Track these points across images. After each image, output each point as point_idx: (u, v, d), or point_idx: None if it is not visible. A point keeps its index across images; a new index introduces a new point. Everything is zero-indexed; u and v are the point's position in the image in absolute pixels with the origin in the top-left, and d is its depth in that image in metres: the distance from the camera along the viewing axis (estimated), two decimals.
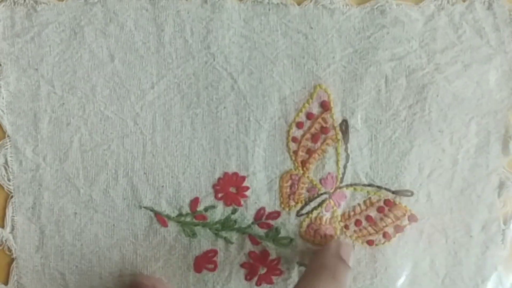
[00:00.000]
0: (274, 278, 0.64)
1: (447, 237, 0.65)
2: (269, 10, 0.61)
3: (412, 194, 0.63)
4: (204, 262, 0.63)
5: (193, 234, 0.63)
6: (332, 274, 0.54)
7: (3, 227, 0.62)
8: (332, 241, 0.62)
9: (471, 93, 0.62)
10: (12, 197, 0.62)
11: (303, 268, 0.64)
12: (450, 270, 0.65)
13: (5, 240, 0.62)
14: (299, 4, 0.61)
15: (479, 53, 0.62)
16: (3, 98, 0.60)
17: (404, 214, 0.63)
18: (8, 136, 0.61)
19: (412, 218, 0.63)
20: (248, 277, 0.64)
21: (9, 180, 0.61)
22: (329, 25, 0.61)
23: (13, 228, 0.62)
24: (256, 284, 0.64)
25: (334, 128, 0.62)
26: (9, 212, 0.62)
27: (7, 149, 0.61)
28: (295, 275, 0.64)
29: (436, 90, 0.62)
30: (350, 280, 0.59)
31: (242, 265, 0.64)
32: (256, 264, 0.64)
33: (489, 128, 0.63)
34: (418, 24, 0.61)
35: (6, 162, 0.61)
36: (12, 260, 0.63)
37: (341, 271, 0.55)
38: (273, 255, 0.64)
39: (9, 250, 0.62)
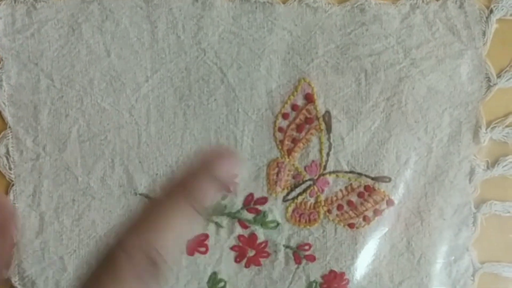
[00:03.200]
0: (262, 260, 0.68)
1: (422, 220, 0.68)
2: (256, 8, 0.63)
3: (390, 180, 0.67)
4: (196, 245, 0.66)
5: None
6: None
7: None
8: None
9: (444, 86, 0.66)
10: (13, 185, 0.64)
11: (289, 251, 0.67)
12: (425, 251, 0.69)
13: None
14: (284, 2, 0.64)
15: (451, 48, 0.65)
16: (4, 91, 0.62)
17: (383, 199, 0.67)
18: (9, 127, 0.63)
19: (390, 203, 0.67)
20: (238, 259, 0.67)
21: (10, 169, 0.64)
22: (312, 23, 0.64)
23: None
24: (245, 266, 0.68)
25: (318, 119, 0.65)
26: (10, 199, 0.64)
27: (8, 139, 0.63)
28: (281, 257, 0.67)
29: (412, 83, 0.65)
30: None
31: (232, 248, 0.67)
32: (245, 247, 0.67)
33: (461, 118, 0.67)
34: (395, 21, 0.65)
35: (7, 152, 0.64)
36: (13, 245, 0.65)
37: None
38: (261, 239, 0.67)
39: None
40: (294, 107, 0.65)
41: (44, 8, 0.62)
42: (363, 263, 0.68)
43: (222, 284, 0.68)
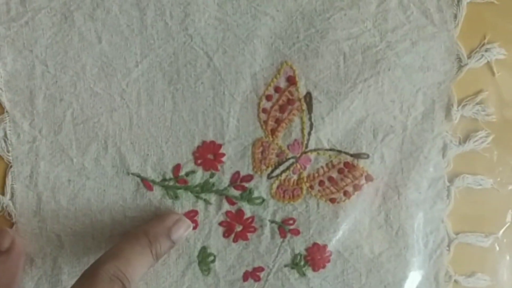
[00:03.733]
0: (249, 235, 0.71)
1: (399, 194, 0.71)
2: None
3: (368, 156, 0.70)
4: None
5: (176, 197, 0.69)
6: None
7: (3, 194, 0.67)
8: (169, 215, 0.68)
9: (418, 67, 0.69)
10: (11, 167, 0.66)
11: (274, 225, 0.71)
12: (402, 223, 0.72)
13: (6, 206, 0.67)
14: None
15: (425, 31, 0.68)
16: (1, 77, 0.64)
17: (362, 175, 0.70)
18: (6, 111, 0.65)
19: (369, 178, 0.70)
20: (226, 234, 0.70)
21: (8, 151, 0.66)
22: (293, 8, 0.67)
23: (12, 195, 0.67)
24: (233, 241, 0.71)
25: (299, 100, 0.68)
26: (8, 180, 0.66)
27: (6, 123, 0.65)
28: (267, 232, 0.71)
29: (388, 65, 0.68)
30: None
31: (220, 224, 0.70)
32: (233, 223, 0.70)
33: (434, 97, 0.70)
34: (371, 6, 0.67)
35: (5, 135, 0.66)
36: (12, 224, 0.68)
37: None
38: (247, 214, 0.70)
39: (9, 215, 0.67)
40: (277, 89, 0.68)
41: None
42: (344, 235, 0.71)
43: (211, 258, 0.71)
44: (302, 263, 0.72)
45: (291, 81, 0.68)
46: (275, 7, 0.66)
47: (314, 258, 0.72)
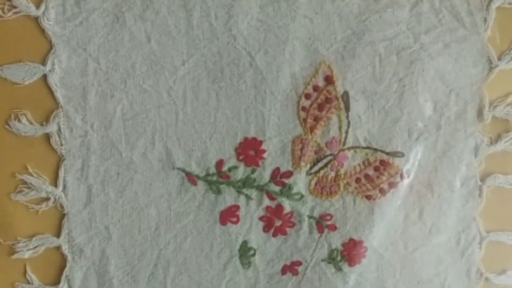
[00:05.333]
0: (288, 229, 0.73)
1: (433, 192, 0.73)
2: None
3: (403, 155, 0.72)
4: (228, 216, 0.72)
5: (219, 191, 0.71)
6: None
7: (56, 186, 0.69)
8: None
9: (451, 68, 0.71)
10: (64, 160, 0.69)
11: (312, 221, 0.73)
12: (435, 221, 0.74)
13: (58, 198, 0.70)
14: None
15: (456, 34, 0.71)
16: (56, 74, 0.67)
17: (397, 172, 0.72)
18: (61, 107, 0.68)
19: (403, 176, 0.72)
20: (266, 229, 0.73)
21: (61, 145, 0.69)
22: (331, 11, 0.69)
23: (64, 187, 0.70)
24: (273, 235, 0.73)
25: (337, 98, 0.70)
26: (61, 173, 0.69)
27: (60, 118, 0.68)
28: (305, 227, 0.73)
29: (422, 66, 0.70)
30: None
31: (260, 219, 0.72)
32: (273, 218, 0.72)
33: (466, 98, 0.72)
34: (405, 9, 0.70)
35: (59, 129, 0.68)
36: (63, 215, 0.70)
37: None
38: (287, 209, 0.72)
39: (61, 206, 0.70)
40: (315, 88, 0.70)
41: None
42: (379, 232, 0.73)
43: (252, 252, 0.73)
44: (338, 258, 0.74)
45: (329, 80, 0.70)
46: (313, 10, 0.69)
47: (350, 253, 0.74)
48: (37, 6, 0.66)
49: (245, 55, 0.69)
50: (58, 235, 0.71)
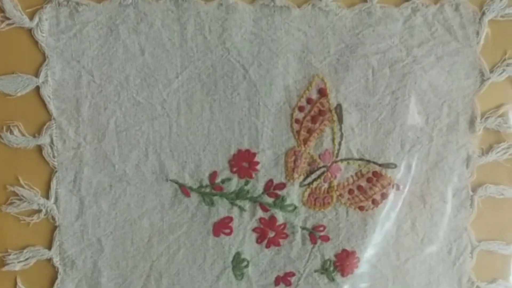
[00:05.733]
0: (281, 241, 0.73)
1: (425, 202, 0.74)
2: (274, 11, 0.69)
3: (395, 166, 0.72)
4: (221, 227, 0.72)
5: (212, 203, 0.71)
6: None
7: (48, 198, 0.69)
8: None
9: (443, 81, 0.72)
10: (56, 172, 0.69)
11: (305, 232, 0.73)
12: (427, 231, 0.74)
13: (50, 210, 0.69)
14: (299, 6, 0.69)
15: (449, 47, 0.71)
16: (49, 86, 0.67)
17: (389, 184, 0.72)
18: (53, 118, 0.68)
19: (396, 187, 0.73)
20: (259, 240, 0.73)
21: (54, 157, 0.69)
22: (324, 24, 0.70)
23: (56, 199, 0.70)
24: (266, 247, 0.73)
25: (330, 111, 0.71)
26: (53, 185, 0.69)
27: (52, 130, 0.68)
28: (298, 238, 0.73)
29: (414, 78, 0.71)
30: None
31: (254, 230, 0.73)
32: (266, 229, 0.72)
33: (458, 110, 0.72)
34: (398, 23, 0.70)
35: (51, 141, 0.68)
36: (55, 227, 0.70)
37: None
38: (280, 221, 0.72)
39: (53, 218, 0.70)
40: (309, 100, 0.71)
41: (85, 10, 0.67)
42: (372, 242, 0.74)
43: (245, 263, 0.73)
44: (331, 268, 0.74)
45: (323, 93, 0.70)
46: (307, 23, 0.70)
47: (343, 263, 0.74)
48: (31, 18, 0.66)
49: (238, 68, 0.69)
50: (49, 247, 0.71)
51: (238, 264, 0.73)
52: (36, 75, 0.67)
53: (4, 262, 0.70)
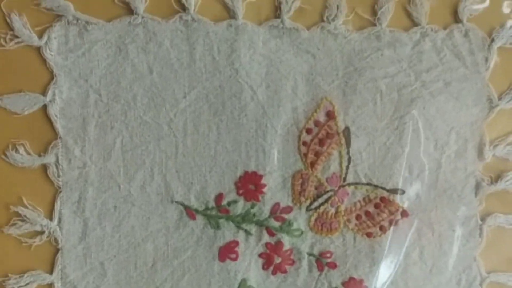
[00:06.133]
0: (287, 267, 0.71)
1: (433, 231, 0.73)
2: (283, 33, 0.70)
3: (403, 192, 0.71)
4: (227, 252, 0.70)
5: (218, 226, 0.70)
6: None
7: (51, 219, 0.68)
8: None
9: (451, 107, 0.71)
10: (60, 192, 0.68)
11: (312, 258, 0.71)
12: (436, 260, 0.73)
13: (53, 232, 0.68)
14: (308, 29, 0.70)
15: (457, 73, 0.71)
16: (56, 105, 0.67)
17: (397, 210, 0.71)
18: (60, 137, 0.68)
19: (404, 214, 0.72)
20: (265, 266, 0.71)
21: (58, 176, 0.68)
22: (333, 47, 0.70)
23: (60, 221, 0.68)
24: (272, 273, 0.72)
25: (338, 134, 0.70)
26: (57, 205, 0.68)
27: (58, 149, 0.67)
28: (305, 264, 0.71)
29: (423, 103, 0.71)
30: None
31: (260, 255, 0.71)
32: (272, 254, 0.71)
33: (467, 136, 0.72)
34: (407, 47, 0.71)
35: (57, 160, 0.68)
36: (57, 250, 0.69)
37: None
38: (286, 246, 0.71)
39: (56, 241, 0.68)
40: (316, 123, 0.70)
41: (94, 29, 0.67)
42: (380, 270, 0.72)
43: None
44: None
45: (331, 115, 0.70)
46: (316, 46, 0.70)
47: None
48: (40, 36, 0.66)
49: (247, 89, 0.69)
50: (51, 271, 0.69)
51: None
52: (44, 93, 0.67)
53: (4, 287, 0.69)
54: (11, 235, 0.68)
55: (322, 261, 0.72)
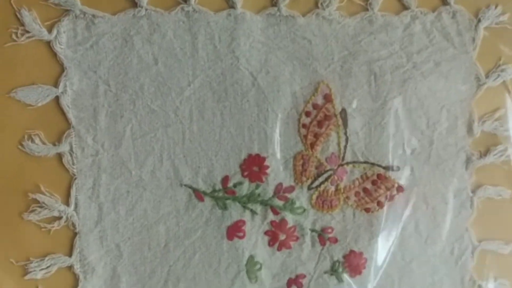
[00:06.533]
0: (292, 243, 0.75)
1: (427, 204, 0.76)
2: (280, 21, 0.72)
3: (398, 169, 0.75)
4: (235, 231, 0.74)
5: (225, 207, 0.73)
6: None
7: (68, 205, 0.71)
8: None
9: (442, 86, 0.75)
10: (75, 179, 0.71)
11: (314, 234, 0.75)
12: (430, 232, 0.77)
13: (70, 217, 0.71)
14: (303, 16, 0.72)
15: (446, 53, 0.75)
16: (68, 96, 0.69)
17: (393, 186, 0.75)
18: (72, 127, 0.70)
19: (399, 189, 0.75)
20: (271, 243, 0.75)
21: (73, 164, 0.70)
22: (328, 33, 0.73)
23: (76, 206, 0.71)
24: (278, 249, 0.75)
25: (335, 116, 0.74)
26: (73, 192, 0.71)
27: (71, 138, 0.70)
28: (308, 240, 0.75)
29: (415, 84, 0.74)
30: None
31: (265, 233, 0.75)
32: (277, 232, 0.74)
33: (457, 114, 0.76)
34: (398, 30, 0.74)
35: (71, 149, 0.70)
36: (75, 234, 0.72)
37: None
38: (290, 223, 0.75)
39: (73, 225, 0.71)
40: (315, 106, 0.73)
41: (101, 23, 0.69)
42: (378, 243, 0.76)
43: (258, 266, 0.75)
44: (340, 269, 0.76)
45: (328, 98, 0.73)
46: (311, 32, 0.73)
47: (351, 264, 0.76)
48: (49, 31, 0.68)
49: (247, 76, 0.72)
50: (70, 254, 0.72)
51: (251, 267, 0.75)
52: (56, 85, 0.69)
53: (26, 271, 0.71)
54: (31, 221, 0.70)
55: (324, 236, 0.75)
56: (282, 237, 0.75)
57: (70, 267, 0.72)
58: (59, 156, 0.70)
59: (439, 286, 0.79)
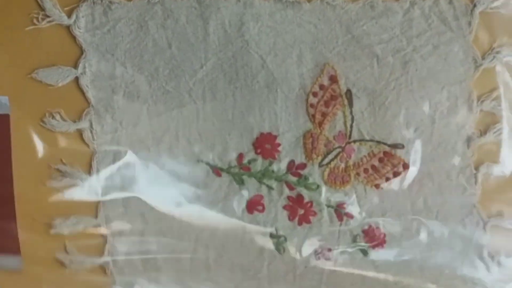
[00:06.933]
0: (311, 218, 0.77)
1: (433, 181, 0.78)
2: (287, 6, 0.75)
3: (403, 146, 0.77)
4: (254, 204, 0.76)
5: (242, 182, 0.76)
6: None
7: (90, 174, 0.74)
8: None
9: (441, 67, 0.77)
10: (96, 153, 0.74)
11: (331, 209, 0.77)
12: (440, 208, 0.78)
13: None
14: (309, 1, 0.75)
15: (444, 37, 0.77)
16: (87, 77, 0.72)
17: (399, 163, 0.77)
18: (92, 106, 0.73)
19: (405, 166, 0.77)
20: (291, 217, 0.77)
21: (94, 139, 0.74)
22: (332, 17, 0.76)
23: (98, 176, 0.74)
24: (298, 224, 0.77)
25: (341, 96, 0.76)
26: (94, 165, 0.74)
27: (91, 115, 0.73)
28: (326, 215, 0.77)
29: (415, 66, 0.76)
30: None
31: (284, 207, 0.77)
32: (295, 207, 0.77)
33: (457, 94, 0.78)
34: (398, 16, 0.76)
35: (91, 125, 0.73)
36: (99, 202, 0.74)
37: None
38: (306, 199, 0.77)
39: (96, 194, 0.74)
40: (321, 87, 0.76)
41: (117, 8, 0.73)
42: (392, 218, 0.78)
43: (282, 239, 0.77)
44: (362, 243, 0.78)
45: (333, 79, 0.76)
46: (317, 17, 0.76)
47: (371, 239, 0.78)
48: (69, 16, 0.72)
49: (257, 58, 0.75)
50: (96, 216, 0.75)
51: (276, 238, 0.77)
52: (75, 67, 0.72)
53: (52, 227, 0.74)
54: (55, 188, 0.73)
55: (340, 212, 0.77)
56: (300, 211, 0.77)
57: (96, 227, 0.75)
58: (80, 132, 0.73)
59: (460, 261, 0.80)
